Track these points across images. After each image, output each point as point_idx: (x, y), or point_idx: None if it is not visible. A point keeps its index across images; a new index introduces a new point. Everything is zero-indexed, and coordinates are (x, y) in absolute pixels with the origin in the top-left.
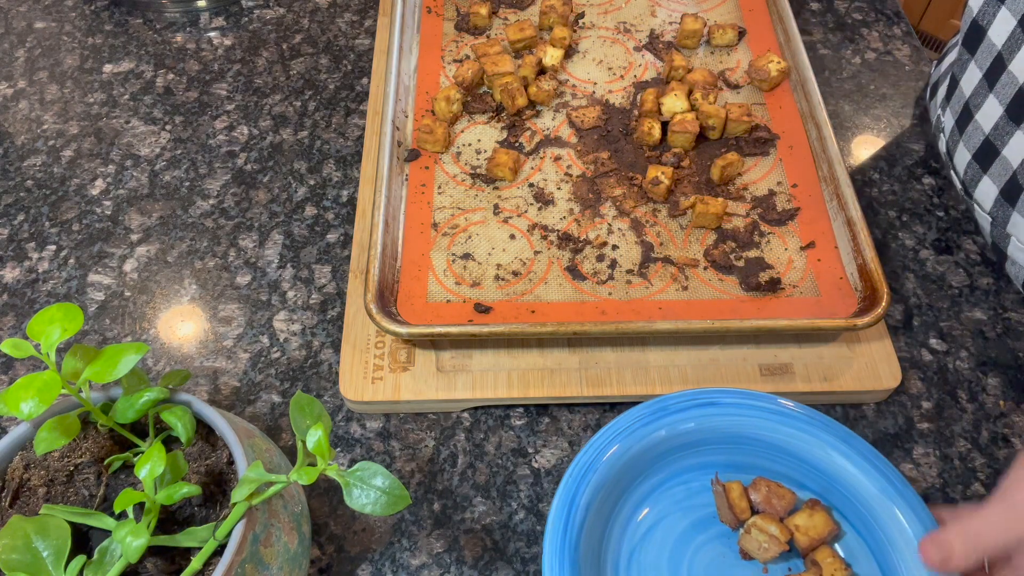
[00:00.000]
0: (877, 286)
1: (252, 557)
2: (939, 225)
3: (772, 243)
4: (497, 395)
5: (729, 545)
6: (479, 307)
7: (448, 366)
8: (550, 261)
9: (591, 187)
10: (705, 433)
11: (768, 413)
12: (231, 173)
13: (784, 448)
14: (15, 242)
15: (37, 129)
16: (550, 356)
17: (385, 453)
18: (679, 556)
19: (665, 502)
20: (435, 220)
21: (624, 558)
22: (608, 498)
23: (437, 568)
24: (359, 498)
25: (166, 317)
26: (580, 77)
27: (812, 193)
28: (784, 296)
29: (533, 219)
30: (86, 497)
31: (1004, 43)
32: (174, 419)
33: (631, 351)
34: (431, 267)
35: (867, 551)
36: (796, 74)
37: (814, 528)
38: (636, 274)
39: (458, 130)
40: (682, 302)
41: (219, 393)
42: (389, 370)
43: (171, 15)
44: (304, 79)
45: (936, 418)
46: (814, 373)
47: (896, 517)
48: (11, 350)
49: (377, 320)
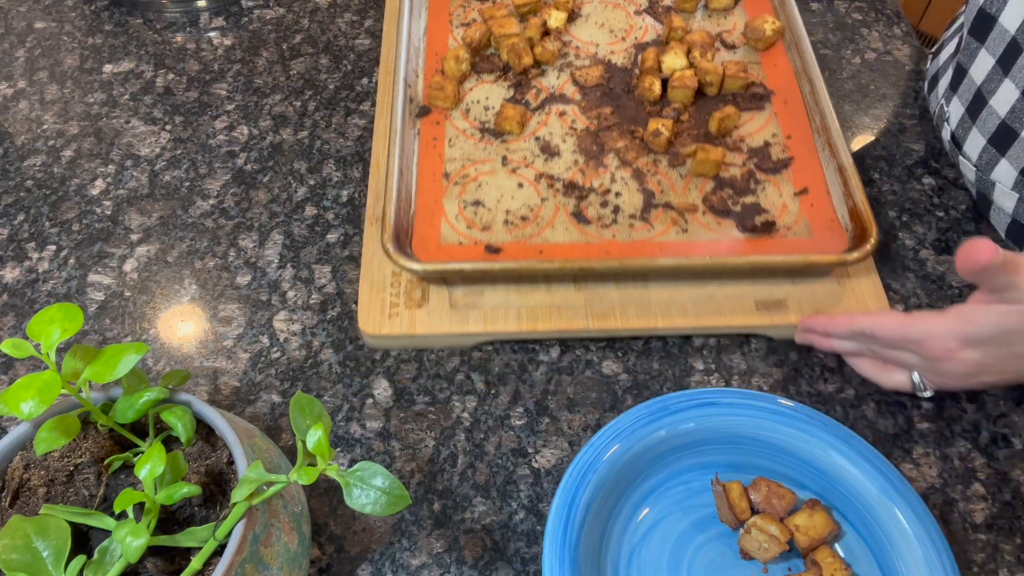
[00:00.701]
0: (867, 225)
1: (252, 557)
2: (939, 225)
3: (767, 190)
4: (507, 329)
5: (729, 545)
6: (490, 248)
7: (461, 303)
8: (556, 207)
9: (595, 140)
10: (705, 433)
11: (768, 413)
12: (231, 173)
13: (784, 448)
14: (15, 242)
15: (37, 129)
16: (557, 294)
17: (385, 453)
18: (679, 556)
19: (665, 502)
20: (446, 171)
21: (624, 558)
22: (608, 498)
23: (437, 568)
24: (359, 498)
25: (166, 317)
26: (583, 39)
27: (805, 144)
28: (779, 237)
29: (540, 169)
30: (86, 497)
31: (1018, 28)
32: (174, 419)
33: (634, 288)
34: (443, 213)
35: (867, 551)
36: (790, 33)
37: (814, 528)
38: (638, 218)
39: (467, 88)
40: (682, 243)
41: (219, 393)
42: (404, 307)
43: (171, 15)
44: (304, 79)
45: (936, 418)
46: (807, 307)
47: (896, 517)
48: (11, 350)
49: (395, 259)
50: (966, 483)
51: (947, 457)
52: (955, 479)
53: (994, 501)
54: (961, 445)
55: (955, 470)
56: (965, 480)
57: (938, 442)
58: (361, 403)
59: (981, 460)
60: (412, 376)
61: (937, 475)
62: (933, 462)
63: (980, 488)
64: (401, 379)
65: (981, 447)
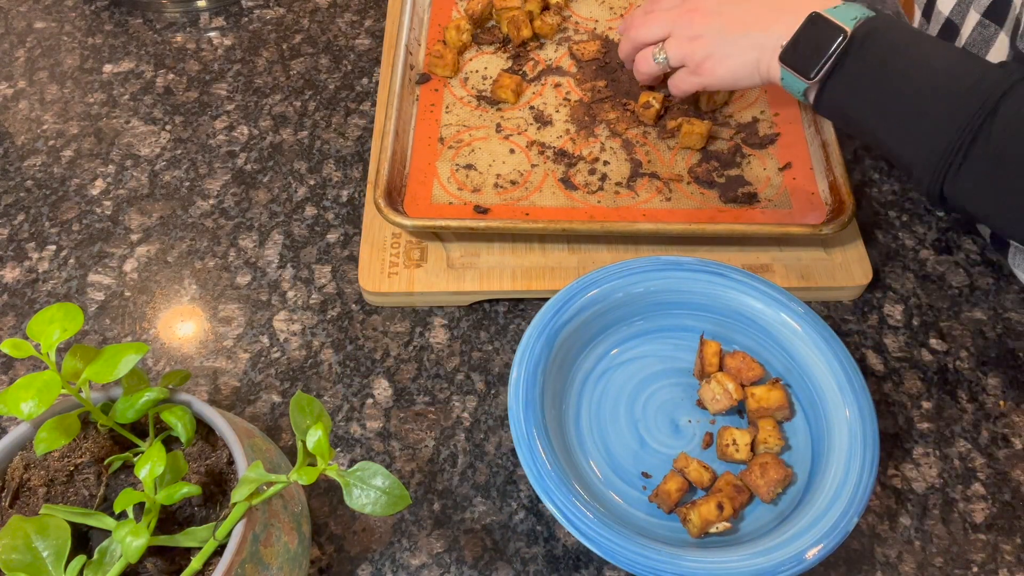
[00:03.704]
0: (844, 199)
1: (252, 557)
2: (939, 225)
3: (752, 164)
4: (503, 287)
5: (690, 394)
6: (478, 208)
7: (458, 264)
8: (545, 173)
9: (587, 111)
10: (695, 296)
11: (760, 293)
12: (231, 173)
13: (770, 333)
14: (15, 242)
15: (37, 129)
16: (551, 255)
17: (385, 453)
18: (644, 388)
19: (649, 346)
20: (442, 135)
21: (594, 379)
22: (590, 325)
23: (437, 568)
24: (359, 498)
25: (166, 317)
26: (583, 15)
27: (792, 121)
28: (759, 208)
29: (532, 137)
30: (86, 497)
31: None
32: (174, 419)
33: (625, 251)
34: (436, 174)
35: (808, 439)
36: None
37: (767, 400)
38: (624, 186)
39: (467, 58)
40: (664, 210)
41: (219, 393)
42: (404, 267)
43: (171, 15)
44: (304, 79)
45: (936, 418)
46: (792, 272)
47: (844, 417)
48: (11, 350)
49: (385, 213)
50: (966, 483)
51: (947, 457)
52: (955, 479)
53: (994, 501)
54: (961, 445)
55: (955, 470)
56: (965, 480)
57: (938, 442)
58: (361, 403)
59: (981, 460)
60: (412, 376)
61: (937, 475)
62: (933, 462)
63: (980, 488)
64: (401, 379)
65: (981, 447)
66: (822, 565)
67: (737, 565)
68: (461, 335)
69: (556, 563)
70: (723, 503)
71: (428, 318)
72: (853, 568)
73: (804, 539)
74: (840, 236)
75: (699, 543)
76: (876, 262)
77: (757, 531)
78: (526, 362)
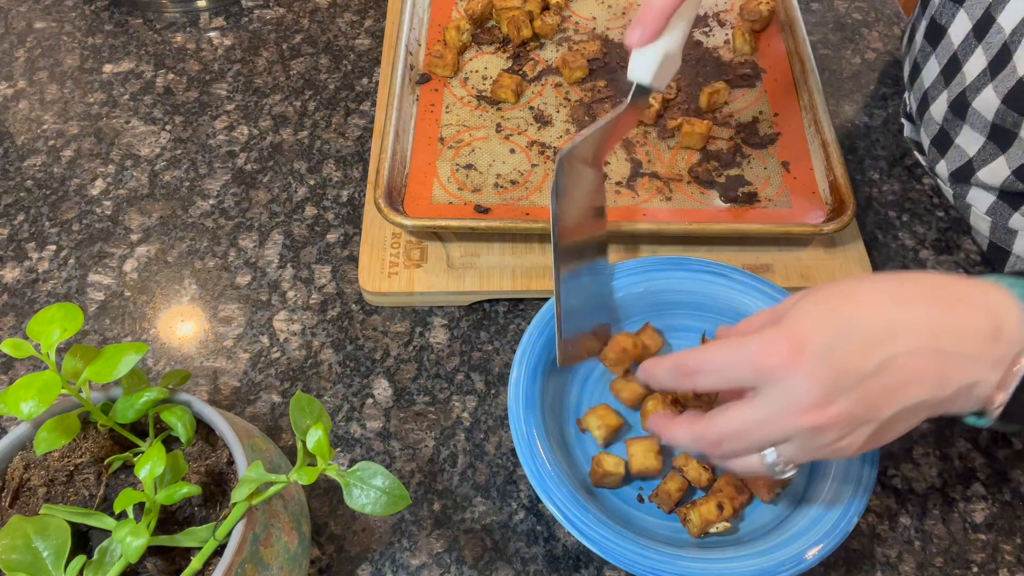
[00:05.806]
0: (845, 198)
1: (252, 557)
2: (939, 225)
3: (753, 163)
4: (503, 287)
5: None
6: (479, 208)
7: (458, 264)
8: (546, 173)
9: (587, 111)
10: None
11: (767, 297)
12: (231, 173)
13: None
14: (15, 242)
15: (37, 129)
16: (551, 255)
17: (385, 453)
18: None
19: None
20: (442, 135)
21: (595, 378)
22: None
23: (437, 568)
24: (359, 498)
25: (166, 317)
26: (583, 15)
27: (793, 121)
28: (759, 208)
29: (532, 137)
30: (86, 497)
31: (962, 41)
32: (174, 419)
33: (625, 251)
34: (436, 174)
35: None
36: (784, 14)
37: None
38: (624, 186)
39: (467, 58)
40: (664, 210)
41: (219, 393)
42: (404, 267)
43: (171, 15)
44: (304, 79)
45: (936, 418)
46: (792, 272)
47: None
48: (11, 350)
49: (385, 213)
50: (966, 483)
51: (947, 457)
52: (955, 479)
53: (994, 501)
54: (961, 445)
55: (955, 470)
56: (965, 480)
57: (938, 442)
58: (361, 403)
59: (981, 460)
60: (412, 376)
61: (937, 475)
62: (933, 462)
63: (980, 488)
64: (401, 379)
65: (981, 447)
66: (822, 565)
67: (737, 565)
68: (461, 335)
69: (556, 563)
70: (723, 503)
71: (428, 318)
72: (853, 568)
73: (804, 539)
74: (840, 236)
75: (699, 543)
76: (876, 262)
77: (757, 531)
78: (526, 362)
